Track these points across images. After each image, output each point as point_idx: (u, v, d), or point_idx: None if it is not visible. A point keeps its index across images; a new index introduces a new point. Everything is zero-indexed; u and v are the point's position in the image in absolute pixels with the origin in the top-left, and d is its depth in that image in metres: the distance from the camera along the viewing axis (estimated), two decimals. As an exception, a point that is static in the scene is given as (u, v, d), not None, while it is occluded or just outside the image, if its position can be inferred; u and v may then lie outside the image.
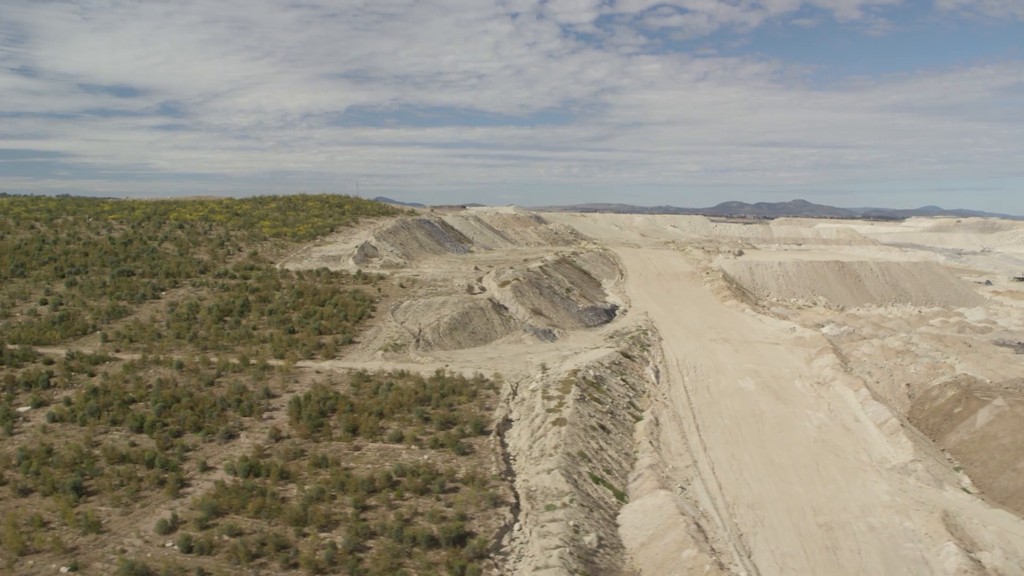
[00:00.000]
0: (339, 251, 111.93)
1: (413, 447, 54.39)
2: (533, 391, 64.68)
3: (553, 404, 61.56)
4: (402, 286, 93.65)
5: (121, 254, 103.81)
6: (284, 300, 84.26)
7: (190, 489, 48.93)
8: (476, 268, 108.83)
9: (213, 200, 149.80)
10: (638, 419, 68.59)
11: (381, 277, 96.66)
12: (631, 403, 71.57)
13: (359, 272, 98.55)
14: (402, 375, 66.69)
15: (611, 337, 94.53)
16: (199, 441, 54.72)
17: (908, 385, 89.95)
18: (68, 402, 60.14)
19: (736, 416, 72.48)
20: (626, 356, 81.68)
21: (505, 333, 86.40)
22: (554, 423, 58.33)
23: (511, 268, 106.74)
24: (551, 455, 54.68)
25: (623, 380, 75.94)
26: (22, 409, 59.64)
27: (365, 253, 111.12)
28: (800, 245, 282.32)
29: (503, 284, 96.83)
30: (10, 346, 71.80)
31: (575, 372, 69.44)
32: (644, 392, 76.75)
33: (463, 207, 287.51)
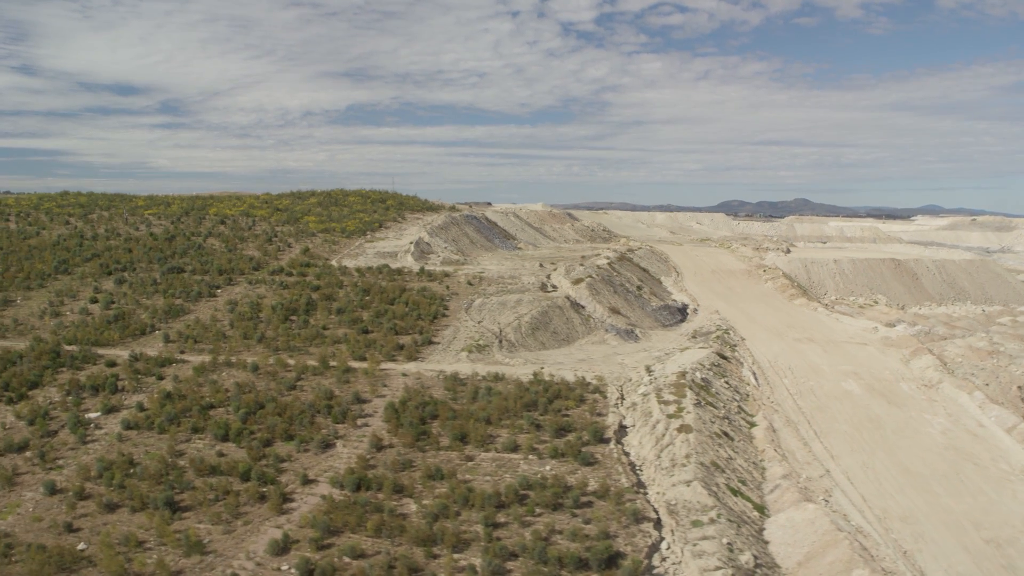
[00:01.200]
0: (393, 247, 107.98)
1: (531, 457, 50.41)
2: (644, 395, 60.52)
3: (671, 409, 57.41)
4: (470, 283, 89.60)
5: (166, 250, 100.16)
6: (350, 298, 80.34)
7: (294, 504, 45.06)
8: (541, 265, 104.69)
9: (249, 195, 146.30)
10: (752, 424, 64.27)
11: (446, 274, 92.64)
12: (740, 407, 67.31)
13: (422, 269, 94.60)
14: (497, 378, 62.68)
15: (693, 337, 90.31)
16: (293, 451, 50.81)
17: (1020, 388, 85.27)
18: (141, 408, 56.32)
19: (852, 421, 68.24)
20: (723, 357, 77.32)
21: (587, 333, 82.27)
22: (679, 430, 54.18)
23: (581, 265, 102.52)
24: (684, 465, 50.60)
25: (726, 383, 71.66)
26: (92, 415, 55.85)
27: (421, 250, 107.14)
28: (825, 243, 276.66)
29: (576, 282, 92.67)
30: (67, 347, 67.98)
31: (683, 375, 65.23)
32: (747, 395, 72.43)
33: (488, 204, 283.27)
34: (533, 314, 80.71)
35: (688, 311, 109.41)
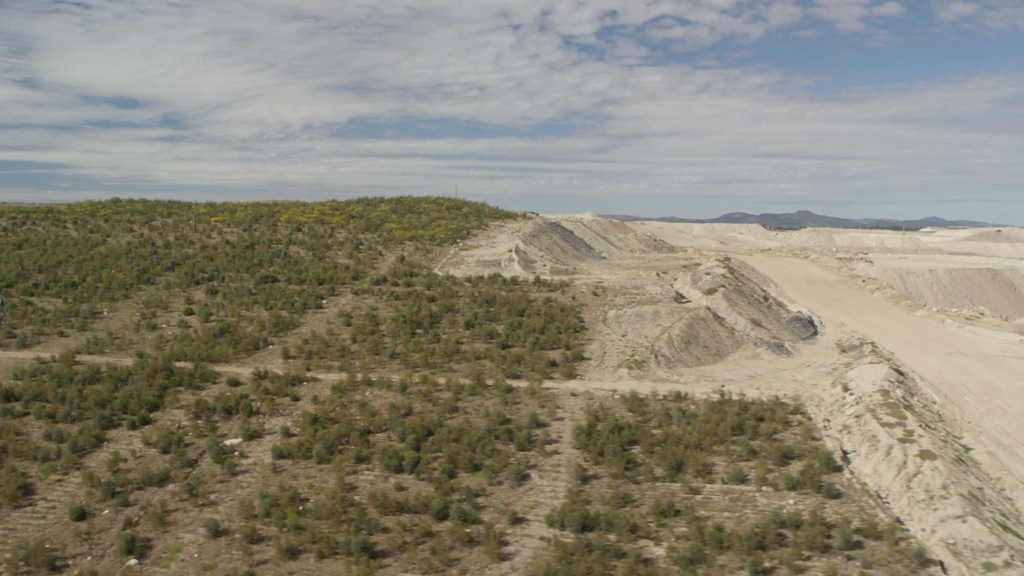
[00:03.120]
0: (491, 255, 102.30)
1: (765, 489, 44.37)
2: (857, 417, 54.36)
3: (899, 433, 51.34)
4: (595, 294, 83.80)
5: (251, 258, 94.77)
6: (475, 311, 74.59)
7: (510, 548, 39.19)
8: (658, 274, 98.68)
9: (314, 203, 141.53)
10: (966, 448, 57.83)
11: (564, 284, 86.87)
12: (945, 430, 60.86)
13: (537, 278, 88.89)
14: (679, 397, 56.78)
15: (844, 351, 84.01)
16: (484, 483, 44.83)
17: None
18: (288, 433, 50.63)
19: (1072, 445, 61.45)
20: (900, 374, 70.89)
21: (736, 347, 76.20)
22: (920, 456, 48.03)
23: (707, 274, 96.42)
24: (945, 497, 44.61)
25: (916, 401, 65.25)
26: (232, 442, 50.26)
27: (523, 258, 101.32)
28: (867, 253, 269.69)
29: (709, 292, 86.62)
30: (177, 363, 62.40)
31: (886, 393, 58.86)
32: (939, 415, 65.95)
33: (535, 214, 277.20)
34: (680, 327, 74.71)
35: (815, 323, 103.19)
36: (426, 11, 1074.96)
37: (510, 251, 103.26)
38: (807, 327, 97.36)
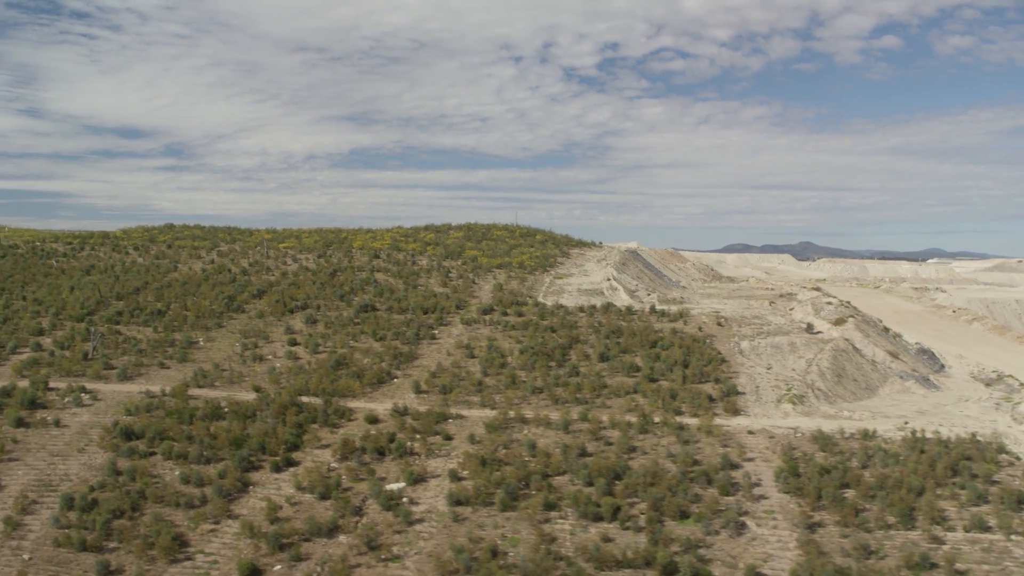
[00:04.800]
0: (589, 284, 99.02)
1: (1015, 537, 40.48)
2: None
3: None
4: (719, 324, 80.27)
5: (338, 286, 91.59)
6: (604, 343, 71.18)
7: (761, 611, 34.99)
8: (771, 303, 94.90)
9: (379, 229, 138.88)
10: None
11: (681, 314, 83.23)
12: None
13: (652, 308, 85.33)
14: (865, 436, 52.91)
15: (988, 384, 80.00)
16: (698, 532, 41.07)
17: None
18: (455, 476, 46.97)
19: None
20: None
21: (882, 380, 72.53)
22: None
23: (828, 303, 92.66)
24: None
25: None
26: (395, 486, 46.82)
27: (626, 287, 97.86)
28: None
29: (838, 322, 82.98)
30: (302, 398, 58.98)
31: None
32: None
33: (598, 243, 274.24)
34: (827, 359, 71.14)
35: (936, 355, 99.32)
36: (428, 43, 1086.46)
37: (608, 280, 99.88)
38: (933, 360, 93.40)
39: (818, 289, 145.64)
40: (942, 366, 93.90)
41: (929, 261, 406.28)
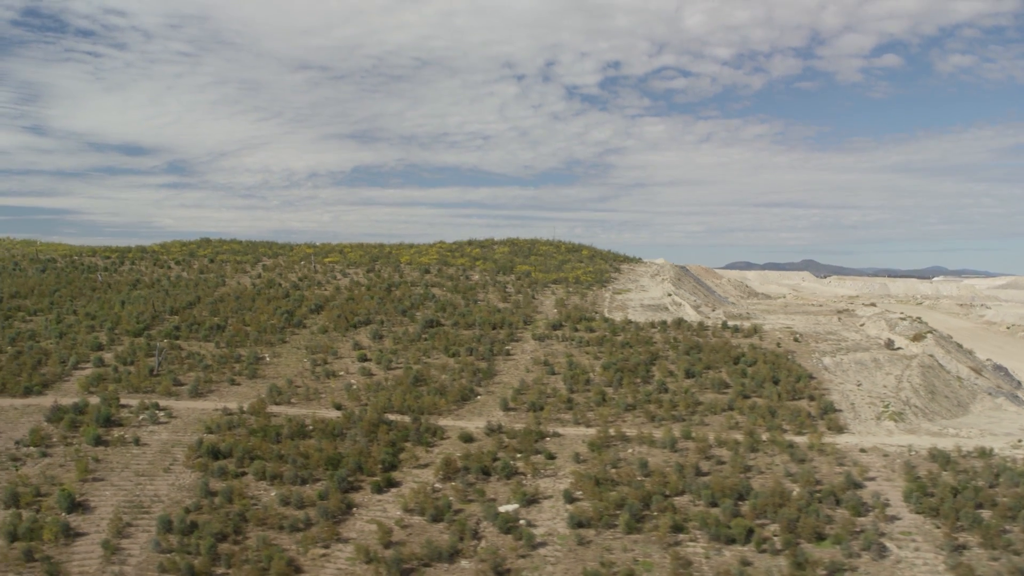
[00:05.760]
0: (651, 300, 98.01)
1: None
2: None
3: None
4: (796, 340, 78.88)
5: (397, 301, 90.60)
6: (686, 359, 70.09)
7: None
8: (839, 319, 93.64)
9: (426, 244, 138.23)
10: None
11: (754, 330, 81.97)
12: None
13: (724, 324, 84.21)
14: (984, 453, 51.86)
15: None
16: (838, 555, 39.74)
17: None
18: (569, 498, 45.78)
19: None
20: None
21: (971, 397, 71.22)
22: None
23: (902, 319, 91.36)
24: None
25: None
26: (507, 508, 45.64)
27: (690, 303, 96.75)
28: (921, 303, 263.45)
29: (916, 338, 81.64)
30: (388, 415, 57.86)
31: None
32: None
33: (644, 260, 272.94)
34: (917, 375, 69.75)
35: (1010, 372, 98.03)
36: (431, 61, 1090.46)
37: (669, 295, 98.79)
38: (1008, 376, 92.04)
39: (874, 304, 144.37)
40: (1019, 383, 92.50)
41: (935, 279, 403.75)
